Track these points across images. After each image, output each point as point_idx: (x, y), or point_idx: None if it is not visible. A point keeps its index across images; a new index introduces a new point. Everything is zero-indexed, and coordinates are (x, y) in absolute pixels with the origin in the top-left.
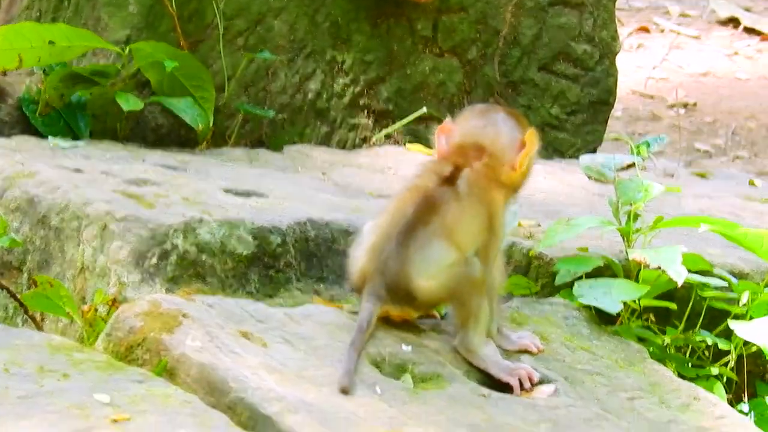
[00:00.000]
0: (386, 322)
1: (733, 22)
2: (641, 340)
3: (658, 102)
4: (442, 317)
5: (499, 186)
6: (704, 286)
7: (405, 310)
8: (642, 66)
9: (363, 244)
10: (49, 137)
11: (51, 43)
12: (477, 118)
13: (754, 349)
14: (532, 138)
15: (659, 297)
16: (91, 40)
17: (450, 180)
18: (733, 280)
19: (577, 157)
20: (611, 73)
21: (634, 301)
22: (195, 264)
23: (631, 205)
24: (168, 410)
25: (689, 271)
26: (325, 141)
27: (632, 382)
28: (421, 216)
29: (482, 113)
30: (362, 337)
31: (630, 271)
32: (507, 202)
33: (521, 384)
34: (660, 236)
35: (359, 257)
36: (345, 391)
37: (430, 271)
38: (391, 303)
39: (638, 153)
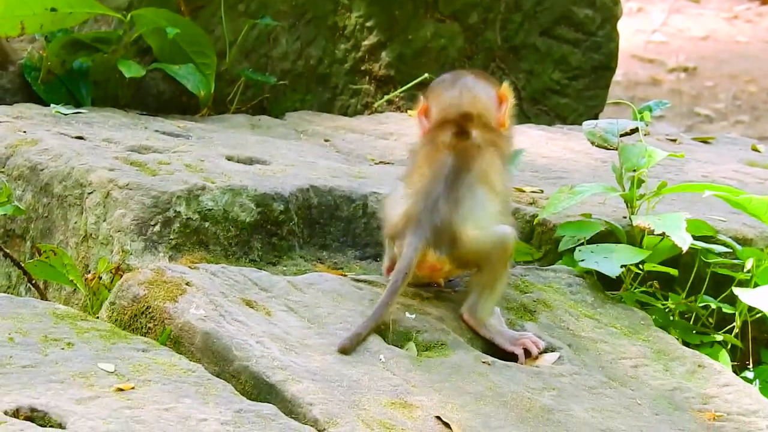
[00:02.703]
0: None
1: None
2: (645, 306)
3: (657, 66)
4: (445, 284)
5: (495, 144)
6: (708, 252)
7: (441, 261)
8: (641, 30)
9: (401, 197)
10: (51, 104)
11: (53, 10)
12: (450, 89)
13: (758, 315)
14: (507, 92)
15: (663, 263)
16: (93, 7)
17: (464, 135)
18: (738, 246)
19: (579, 123)
20: (613, 37)
21: (638, 267)
22: (198, 231)
23: (634, 171)
24: (172, 379)
25: (693, 237)
26: (327, 107)
27: (636, 349)
28: (463, 162)
29: (453, 83)
30: (404, 279)
31: (634, 238)
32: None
33: (528, 352)
34: (664, 202)
35: (401, 203)
36: (344, 352)
37: (478, 218)
38: (434, 247)
39: (641, 118)
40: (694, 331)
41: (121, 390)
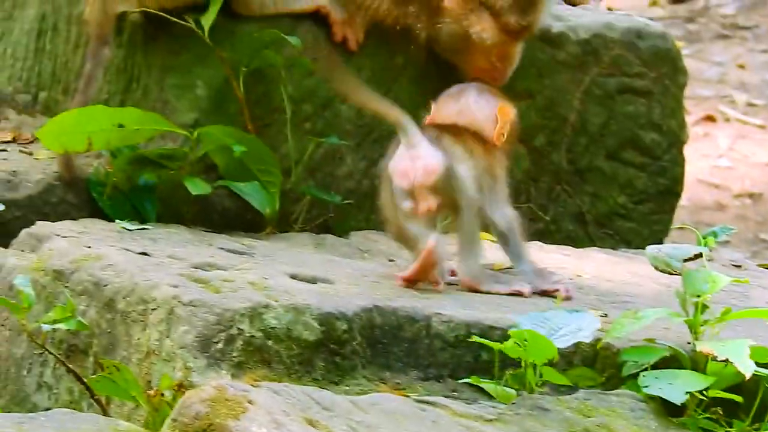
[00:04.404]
0: None
1: None
2: None
3: (723, 191)
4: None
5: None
6: None
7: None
8: (707, 155)
9: None
10: (116, 220)
11: (120, 126)
12: (452, 102)
13: None
14: (504, 111)
15: (727, 389)
16: (160, 124)
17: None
18: None
19: (643, 247)
20: (679, 162)
21: (702, 393)
22: (261, 349)
23: (698, 296)
24: None
25: (757, 364)
26: None
27: None
28: None
29: (456, 96)
30: None
31: (698, 363)
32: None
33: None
34: (728, 328)
35: None
36: None
37: None
38: None
39: (705, 243)
40: None
41: None
